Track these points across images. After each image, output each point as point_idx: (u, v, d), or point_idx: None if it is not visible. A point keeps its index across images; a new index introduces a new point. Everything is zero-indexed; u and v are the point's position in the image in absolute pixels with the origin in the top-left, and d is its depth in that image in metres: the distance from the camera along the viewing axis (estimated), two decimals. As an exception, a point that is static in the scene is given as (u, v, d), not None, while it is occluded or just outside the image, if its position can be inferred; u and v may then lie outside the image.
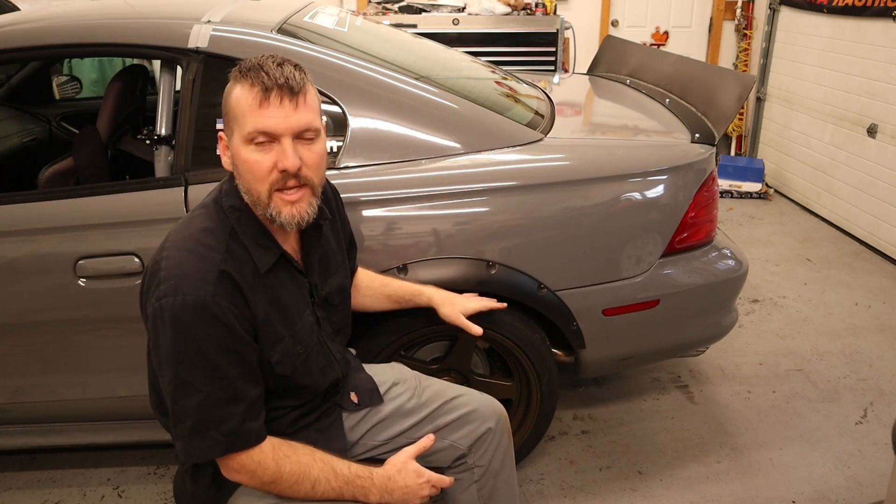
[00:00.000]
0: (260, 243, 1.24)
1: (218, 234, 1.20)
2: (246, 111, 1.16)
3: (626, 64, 2.72)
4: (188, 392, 1.15)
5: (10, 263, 1.74)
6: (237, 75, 1.18)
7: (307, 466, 1.22)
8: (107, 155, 2.33)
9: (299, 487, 1.21)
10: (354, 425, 1.48)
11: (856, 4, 3.86)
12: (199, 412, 1.15)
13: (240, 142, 1.17)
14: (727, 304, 2.07)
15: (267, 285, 1.24)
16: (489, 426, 1.48)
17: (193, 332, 1.13)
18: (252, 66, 1.17)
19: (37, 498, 2.09)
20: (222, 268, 1.16)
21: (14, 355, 1.85)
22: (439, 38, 2.86)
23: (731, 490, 2.07)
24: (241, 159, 1.18)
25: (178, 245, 1.18)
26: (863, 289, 3.34)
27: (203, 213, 1.24)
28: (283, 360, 1.27)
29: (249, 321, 1.20)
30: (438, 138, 1.79)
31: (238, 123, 1.17)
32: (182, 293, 1.12)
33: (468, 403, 1.50)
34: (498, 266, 1.78)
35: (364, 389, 1.50)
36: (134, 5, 2.03)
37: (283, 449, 1.22)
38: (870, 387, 2.56)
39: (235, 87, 1.18)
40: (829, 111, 4.16)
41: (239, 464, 1.20)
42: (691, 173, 1.86)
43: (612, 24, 5.25)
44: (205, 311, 1.12)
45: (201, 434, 1.16)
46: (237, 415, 1.17)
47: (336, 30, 2.10)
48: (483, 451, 1.48)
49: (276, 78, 1.15)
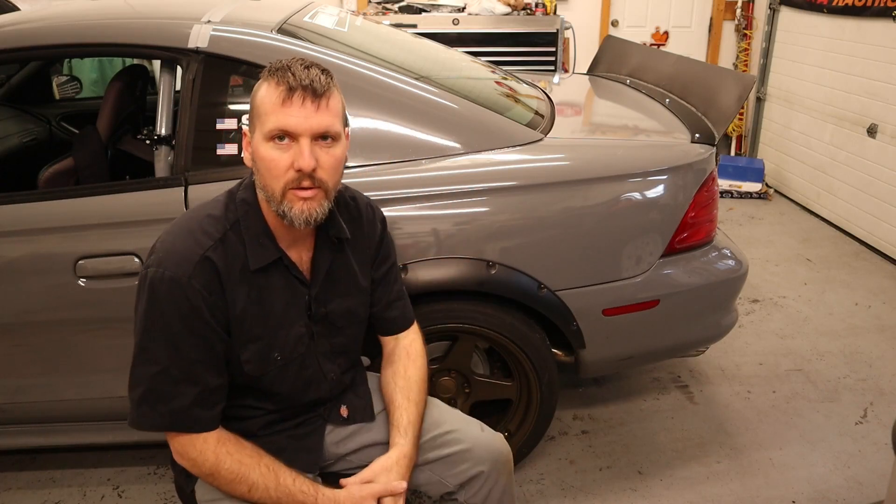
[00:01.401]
0: (259, 241, 1.25)
1: (219, 222, 1.24)
2: (269, 109, 1.18)
3: (626, 64, 2.72)
4: (147, 360, 1.20)
5: (10, 263, 1.74)
6: (266, 74, 1.20)
7: (248, 468, 1.22)
8: (107, 155, 2.33)
9: (236, 487, 1.22)
10: (341, 440, 1.44)
11: (856, 4, 3.86)
12: (151, 382, 1.20)
13: (260, 138, 1.19)
14: (727, 304, 2.07)
15: (254, 283, 1.25)
16: (481, 469, 1.38)
17: (164, 306, 1.18)
18: (281, 66, 1.19)
19: (37, 498, 2.09)
20: (207, 254, 1.20)
21: (14, 355, 1.85)
22: (439, 38, 2.86)
23: (731, 490, 2.07)
24: (260, 156, 1.20)
25: (181, 224, 1.25)
26: (863, 289, 3.34)
27: (216, 201, 1.29)
28: (253, 359, 1.27)
29: (222, 311, 1.22)
30: (438, 138, 1.79)
31: (261, 120, 1.19)
32: (164, 267, 1.18)
33: (463, 441, 1.40)
34: (498, 266, 1.78)
35: (357, 404, 1.46)
36: (134, 5, 2.03)
37: (227, 445, 1.23)
38: (870, 387, 2.56)
39: (262, 85, 1.20)
40: (829, 111, 4.16)
41: (182, 447, 1.23)
42: (691, 173, 1.86)
43: (612, 24, 5.25)
44: (178, 288, 1.17)
45: (149, 404, 1.20)
46: (188, 396, 1.20)
47: (336, 30, 2.10)
48: (476, 491, 1.39)
49: (301, 79, 1.16)
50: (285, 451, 1.32)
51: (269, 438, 1.35)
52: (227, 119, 1.76)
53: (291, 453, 1.33)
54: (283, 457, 1.28)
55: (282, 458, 1.28)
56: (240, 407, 1.32)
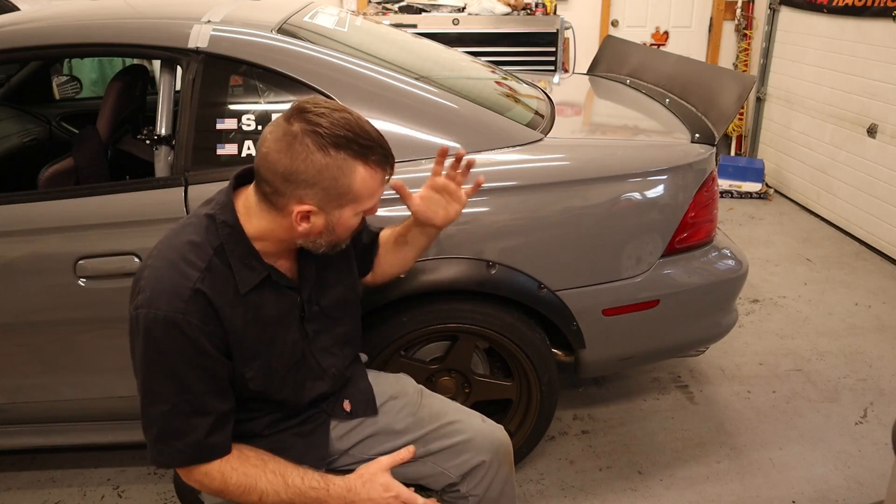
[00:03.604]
0: (245, 263, 1.23)
1: (203, 250, 1.20)
2: (372, 192, 1.21)
3: (626, 64, 2.72)
4: (155, 400, 1.18)
5: (10, 263, 1.74)
6: (356, 153, 1.16)
7: (254, 479, 1.23)
8: (107, 155, 2.33)
9: (247, 498, 1.23)
10: (344, 434, 1.45)
11: (856, 4, 3.86)
12: (163, 421, 1.18)
13: (351, 214, 1.22)
14: (727, 304, 2.07)
15: (248, 304, 1.24)
16: (483, 459, 1.42)
17: (162, 346, 1.15)
18: (369, 146, 1.17)
19: (37, 498, 2.09)
20: (197, 286, 1.16)
21: (14, 355, 1.85)
22: (439, 38, 2.86)
23: (731, 490, 2.07)
24: (346, 226, 1.23)
25: (163, 255, 1.20)
26: (863, 289, 3.34)
27: (195, 224, 1.23)
28: (257, 376, 1.27)
29: (222, 339, 1.21)
30: (438, 138, 1.79)
31: (358, 202, 1.20)
32: (154, 307, 1.14)
33: (464, 431, 1.43)
34: (498, 266, 1.78)
35: (360, 399, 1.47)
36: (134, 5, 2.03)
37: (230, 461, 1.23)
38: (870, 387, 2.56)
39: (359, 169, 1.17)
40: (829, 111, 4.16)
41: (187, 472, 1.23)
42: (691, 173, 1.86)
43: (612, 24, 5.25)
44: (174, 327, 1.14)
45: (165, 442, 1.19)
46: (203, 427, 1.19)
47: (336, 30, 2.10)
48: (478, 482, 1.42)
49: (390, 161, 1.21)
50: (292, 450, 1.32)
51: (275, 437, 1.35)
52: (227, 119, 1.76)
53: (298, 451, 1.33)
54: (291, 455, 1.29)
55: (289, 456, 1.28)
56: (243, 410, 1.31)
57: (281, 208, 1.18)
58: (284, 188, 1.15)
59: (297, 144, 1.13)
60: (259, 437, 1.33)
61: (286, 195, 1.16)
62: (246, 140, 1.76)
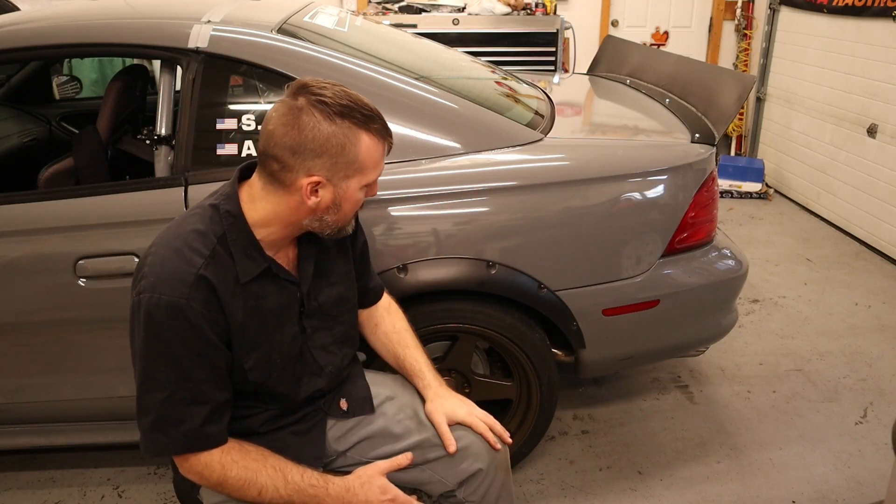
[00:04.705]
0: (247, 253, 1.24)
1: (207, 238, 1.21)
2: (375, 162, 1.23)
3: (626, 64, 2.72)
4: (153, 387, 1.18)
5: (10, 263, 1.74)
6: (360, 122, 1.19)
7: (255, 473, 1.23)
8: (107, 155, 2.33)
9: (246, 492, 1.23)
10: (341, 435, 1.45)
11: (856, 4, 3.86)
12: (161, 408, 1.18)
13: (357, 187, 1.24)
14: (727, 304, 2.07)
15: (249, 293, 1.24)
16: (480, 467, 1.39)
17: (164, 332, 1.15)
18: (370, 115, 1.20)
19: (37, 498, 2.09)
20: (201, 272, 1.17)
21: (14, 355, 1.85)
22: (439, 38, 2.86)
23: (731, 490, 2.07)
24: (352, 200, 1.25)
25: (167, 242, 1.21)
26: (863, 289, 3.34)
27: (199, 214, 1.25)
28: (257, 367, 1.27)
29: (223, 327, 1.21)
30: (438, 138, 1.79)
31: (363, 172, 1.22)
32: (158, 292, 1.15)
33: (461, 438, 1.40)
34: (498, 266, 1.78)
35: (357, 397, 1.47)
36: (134, 5, 2.04)
37: (231, 454, 1.23)
38: (870, 387, 2.56)
39: (363, 138, 1.20)
40: (829, 111, 4.17)
41: (188, 463, 1.23)
42: (691, 173, 1.86)
43: (612, 24, 5.25)
44: (177, 312, 1.15)
45: (161, 430, 1.19)
46: (199, 416, 1.19)
47: (336, 30, 2.11)
48: (474, 489, 1.40)
49: (389, 132, 1.24)
50: (290, 448, 1.31)
51: (272, 435, 1.35)
52: (227, 119, 1.76)
53: (296, 449, 1.33)
54: (288, 453, 1.29)
55: (287, 454, 1.28)
56: (240, 407, 1.32)
57: (289, 185, 1.20)
58: (293, 161, 1.17)
59: (304, 116, 1.16)
60: (256, 434, 1.33)
61: (294, 169, 1.18)
62: (246, 140, 1.76)
